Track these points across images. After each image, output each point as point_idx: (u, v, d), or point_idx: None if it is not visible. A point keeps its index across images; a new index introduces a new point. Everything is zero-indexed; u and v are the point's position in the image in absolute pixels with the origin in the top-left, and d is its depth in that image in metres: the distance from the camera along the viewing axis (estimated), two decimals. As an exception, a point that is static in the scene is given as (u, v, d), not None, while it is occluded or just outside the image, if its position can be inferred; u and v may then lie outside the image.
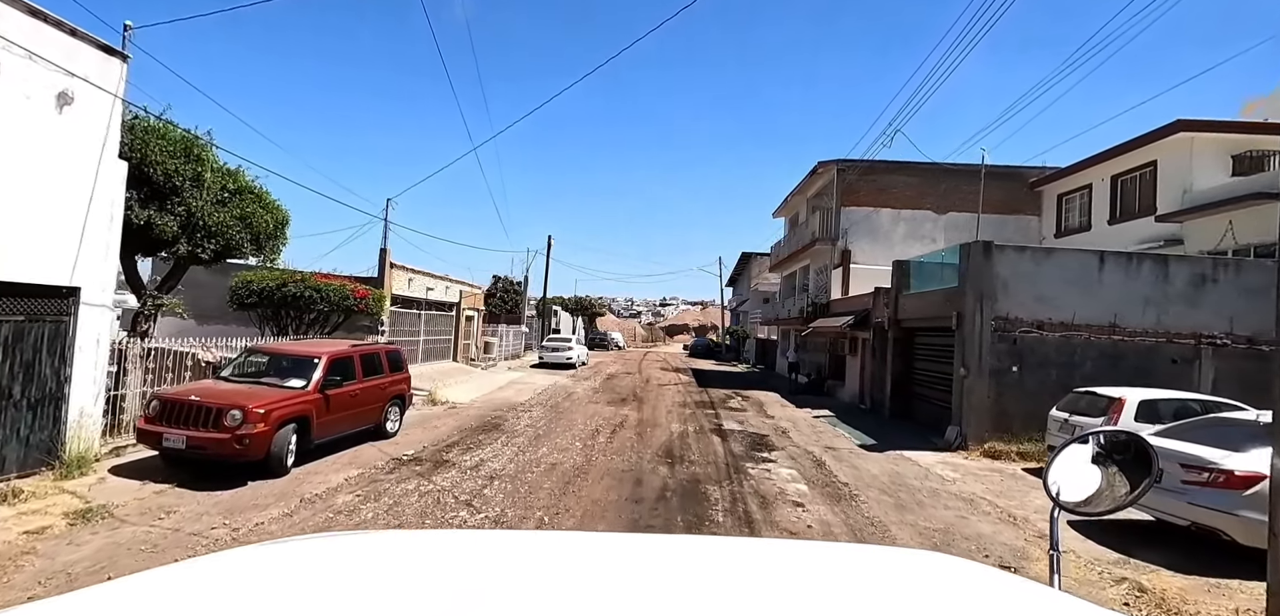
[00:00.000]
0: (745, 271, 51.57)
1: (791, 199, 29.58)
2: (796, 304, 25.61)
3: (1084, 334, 12.19)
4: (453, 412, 14.49)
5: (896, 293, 16.52)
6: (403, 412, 11.78)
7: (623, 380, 24.61)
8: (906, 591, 1.09)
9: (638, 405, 17.18)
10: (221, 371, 9.65)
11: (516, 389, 19.55)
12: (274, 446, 8.22)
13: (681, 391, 21.40)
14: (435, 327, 21.26)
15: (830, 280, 23.70)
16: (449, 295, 22.11)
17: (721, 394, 21.15)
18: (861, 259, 23.22)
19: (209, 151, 10.55)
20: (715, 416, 15.77)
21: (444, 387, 17.63)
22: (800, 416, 16.59)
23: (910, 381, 16.20)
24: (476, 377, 21.11)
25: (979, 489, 9.36)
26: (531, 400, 17.24)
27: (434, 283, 20.48)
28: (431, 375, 19.00)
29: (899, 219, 23.27)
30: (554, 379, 23.29)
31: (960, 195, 23.33)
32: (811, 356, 25.19)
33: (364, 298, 14.60)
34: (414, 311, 19.41)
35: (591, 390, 20.34)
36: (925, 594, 1.08)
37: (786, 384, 24.75)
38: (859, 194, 23.43)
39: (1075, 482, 1.54)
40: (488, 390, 18.61)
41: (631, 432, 12.84)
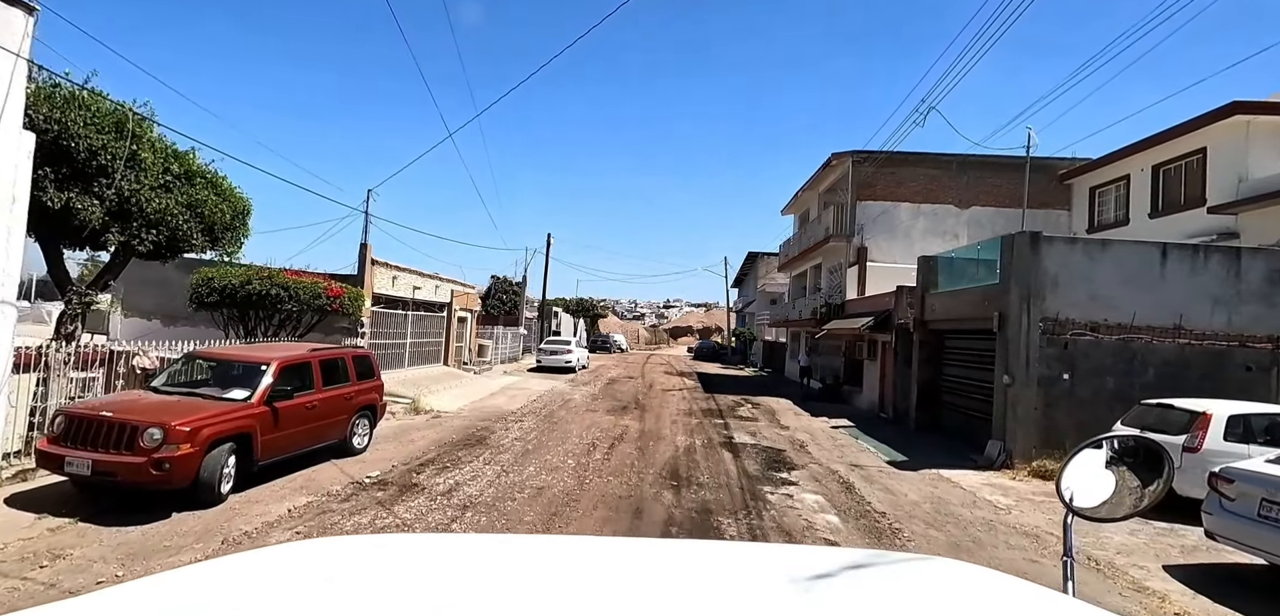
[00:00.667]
0: (752, 272, 50.16)
1: (802, 194, 28.17)
2: (809, 305, 24.22)
3: (1144, 337, 10.76)
4: (435, 423, 13.15)
5: (923, 291, 15.10)
6: (373, 425, 10.44)
7: (624, 385, 23.24)
8: (917, 597, 1.07)
9: (639, 414, 15.81)
10: (153, 380, 8.32)
11: (509, 395, 18.20)
12: (203, 471, 6.89)
13: (687, 397, 20.02)
14: (424, 330, 19.94)
15: (845, 279, 22.28)
16: (439, 295, 20.79)
17: (730, 400, 19.76)
18: (878, 256, 21.81)
19: (148, 128, 9.23)
20: (724, 427, 14.38)
21: (430, 395, 16.29)
22: (817, 427, 15.18)
23: (938, 388, 14.77)
24: (467, 383, 19.77)
25: (1041, 521, 7.95)
26: (524, 408, 15.88)
27: (422, 282, 19.17)
28: (418, 381, 17.68)
29: (919, 214, 21.84)
30: (551, 384, 21.93)
31: (984, 188, 21.90)
32: (825, 360, 23.77)
33: (338, 297, 13.29)
34: (399, 312, 18.10)
35: (590, 396, 18.97)
36: (936, 599, 1.07)
37: (799, 389, 23.33)
38: (876, 187, 22.02)
39: (1089, 488, 1.50)
40: (478, 397, 17.26)
41: (632, 447, 11.47)
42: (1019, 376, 10.80)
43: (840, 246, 22.37)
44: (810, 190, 27.24)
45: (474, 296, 23.87)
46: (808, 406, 19.05)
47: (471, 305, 23.55)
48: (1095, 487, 1.51)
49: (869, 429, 14.90)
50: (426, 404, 14.97)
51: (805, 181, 26.96)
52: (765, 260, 46.25)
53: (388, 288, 16.99)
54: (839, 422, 15.89)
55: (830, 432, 14.33)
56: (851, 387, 20.21)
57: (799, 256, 27.96)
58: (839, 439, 13.61)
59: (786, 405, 19.20)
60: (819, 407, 18.75)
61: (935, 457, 11.60)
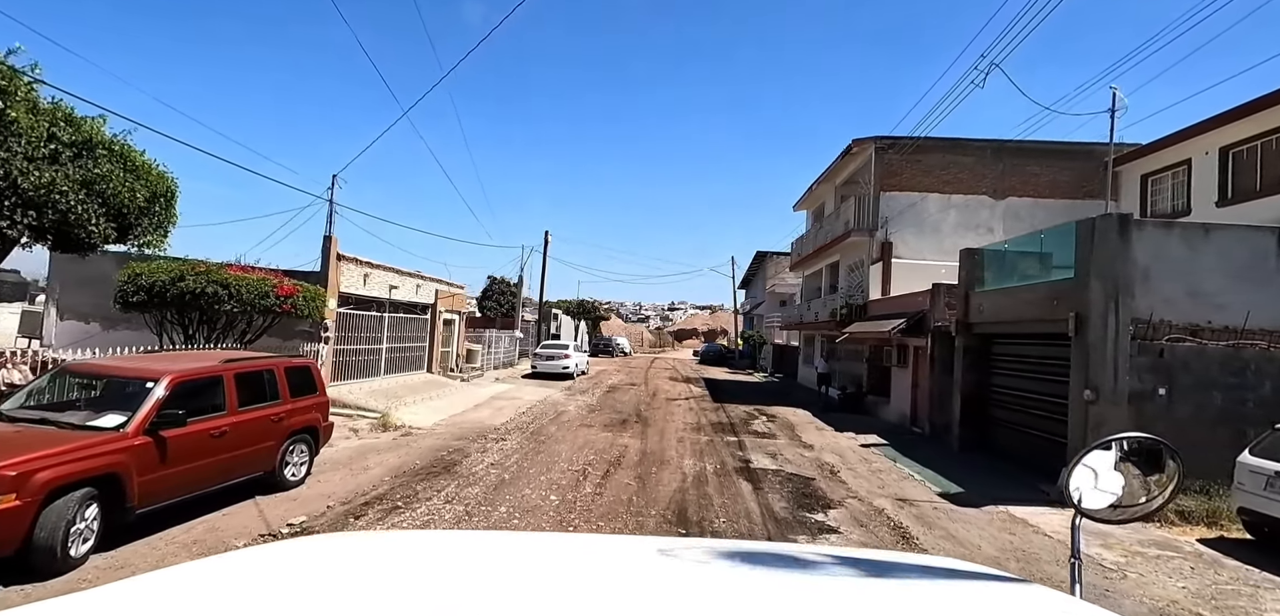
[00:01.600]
0: (760, 272, 48.18)
1: (817, 187, 26.21)
2: (826, 306, 22.25)
3: (1259, 343, 8.78)
4: (402, 443, 11.27)
5: (966, 289, 13.14)
6: (315, 450, 8.58)
7: (625, 393, 21.32)
8: (921, 598, 1.06)
9: (641, 429, 13.89)
10: (3, 404, 6.46)
11: (496, 407, 16.32)
12: (39, 529, 5.03)
13: (694, 408, 18.09)
14: (403, 333, 18.09)
15: (867, 278, 20.31)
16: (422, 295, 18.92)
17: (742, 412, 17.82)
18: (905, 252, 19.84)
19: (23, 84, 7.39)
20: (738, 446, 12.45)
21: (404, 407, 14.42)
22: (845, 445, 13.23)
23: (986, 401, 12.79)
24: (452, 392, 17.89)
25: (1173, 589, 5.99)
26: (510, 422, 13.99)
27: (400, 280, 17.30)
28: (393, 391, 15.82)
29: (949, 205, 19.86)
30: (545, 392, 20.05)
31: (1021, 177, 19.91)
32: (845, 366, 21.79)
33: (289, 295, 11.43)
34: (373, 314, 16.24)
35: (587, 407, 17.07)
36: (943, 600, 1.04)
37: (816, 398, 21.36)
38: (901, 176, 20.05)
39: (1097, 488, 1.49)
40: (459, 409, 15.38)
41: (630, 475, 9.56)
42: (1104, 391, 8.84)
43: (862, 241, 20.42)
44: (826, 182, 25.28)
45: (463, 297, 22.01)
46: (829, 418, 17.09)
47: (460, 306, 21.70)
48: (1105, 489, 1.48)
49: (905, 448, 12.92)
50: (398, 418, 13.09)
51: (821, 172, 25.01)
52: (774, 260, 44.28)
53: (358, 286, 15.13)
54: (869, 440, 13.92)
55: (862, 454, 12.37)
56: (876, 397, 18.24)
57: (814, 254, 25.99)
58: (874, 462, 11.65)
59: (805, 417, 17.24)
60: (841, 420, 16.78)
61: (995, 488, 9.64)
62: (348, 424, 12.48)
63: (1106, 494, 1.48)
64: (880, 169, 20.07)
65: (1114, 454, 1.52)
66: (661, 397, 20.61)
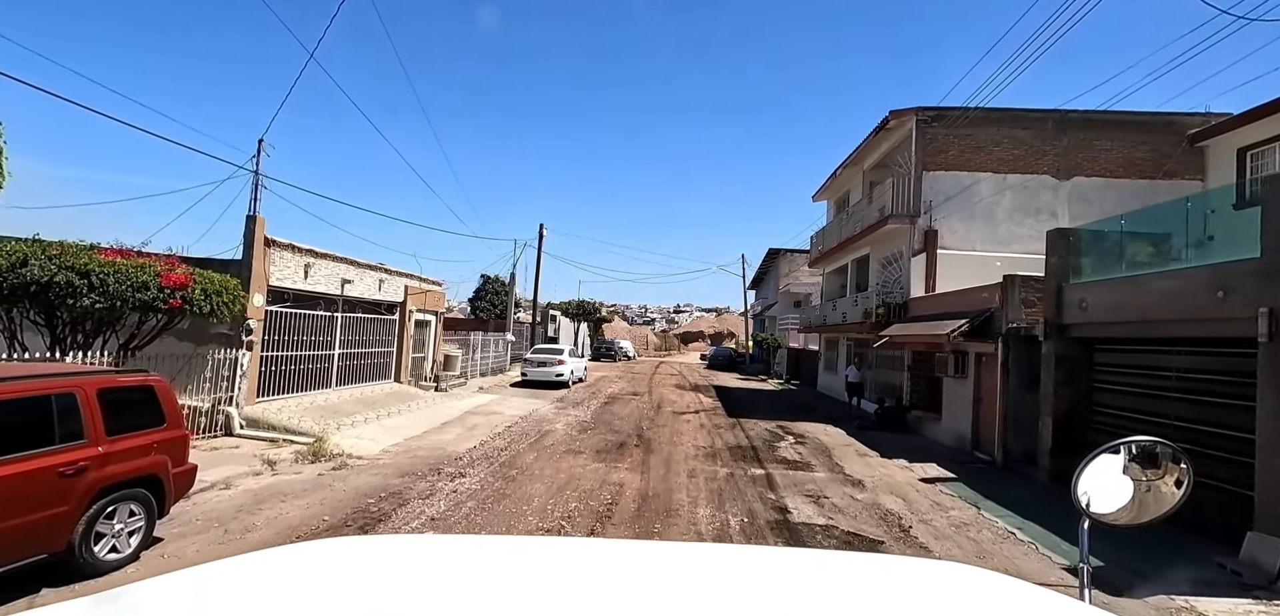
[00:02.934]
0: (772, 270, 45.31)
1: (842, 172, 23.34)
2: (857, 306, 19.36)
3: None
4: (328, 481, 8.51)
5: (1058, 280, 10.28)
6: (158, 509, 5.82)
7: (625, 406, 18.50)
8: (931, 603, 1.06)
9: (642, 457, 11.10)
10: None
11: (468, 425, 13.54)
12: None
13: (705, 425, 15.26)
14: (362, 337, 15.34)
15: (907, 272, 17.43)
16: (387, 292, 16.17)
17: (763, 430, 14.97)
18: (953, 242, 16.96)
19: None
20: (767, 482, 9.64)
21: (350, 429, 11.68)
22: (903, 480, 10.37)
23: (1088, 425, 9.91)
24: (420, 407, 15.13)
25: None
26: (479, 448, 11.22)
27: (357, 273, 14.56)
28: (342, 408, 13.07)
29: (1004, 187, 16.96)
30: (532, 405, 17.27)
31: (1090, 153, 16.99)
32: (880, 375, 18.90)
33: (179, 287, 8.70)
34: (320, 313, 13.49)
35: (578, 425, 14.27)
36: (950, 605, 1.05)
37: (845, 411, 18.49)
38: (947, 153, 17.18)
39: (1106, 493, 1.46)
40: (421, 429, 12.61)
41: (624, 535, 6.75)
42: (1326, 424, 5.97)
43: (901, 230, 17.54)
44: (853, 166, 22.40)
45: (439, 294, 19.26)
46: (868, 439, 14.23)
47: (436, 305, 18.94)
48: (1113, 493, 1.45)
49: (982, 486, 10.05)
50: (336, 444, 10.35)
51: (848, 155, 22.14)
52: (788, 257, 41.41)
53: (296, 279, 12.39)
54: (930, 472, 11.06)
55: (930, 495, 9.51)
56: (923, 413, 15.35)
57: (838, 248, 23.12)
58: (950, 508, 8.79)
59: (840, 438, 14.38)
60: (884, 442, 13.91)
61: (1140, 559, 6.76)
62: (266, 453, 9.74)
63: (1115, 498, 1.43)
64: (923, 145, 17.20)
65: (1122, 457, 1.47)
66: (667, 411, 17.79)
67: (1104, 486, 1.50)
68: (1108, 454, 1.52)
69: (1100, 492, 1.50)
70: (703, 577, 1.12)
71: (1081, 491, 1.51)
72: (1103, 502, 1.48)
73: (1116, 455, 1.52)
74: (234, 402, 10.77)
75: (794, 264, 40.88)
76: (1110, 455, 1.52)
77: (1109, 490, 1.49)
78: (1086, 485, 1.51)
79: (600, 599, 0.98)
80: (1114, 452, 1.52)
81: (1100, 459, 1.52)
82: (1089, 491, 1.50)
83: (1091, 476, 1.51)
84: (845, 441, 13.92)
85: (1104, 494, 1.49)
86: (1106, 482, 1.50)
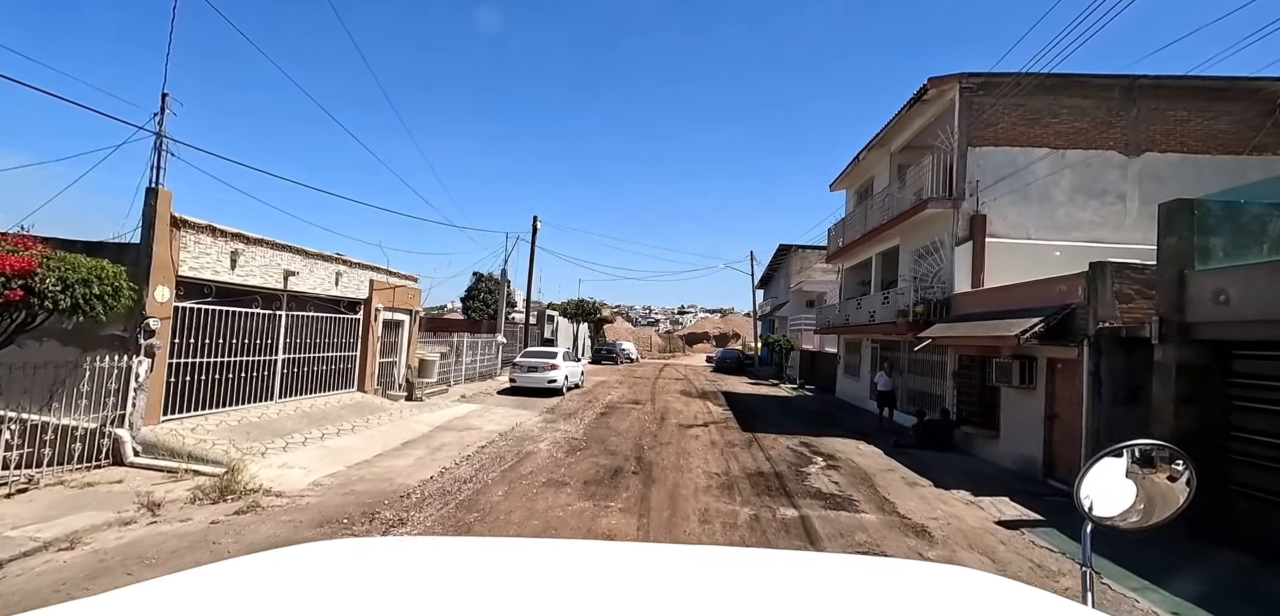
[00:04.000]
0: (783, 267, 42.99)
1: (866, 156, 21.02)
2: (889, 304, 17.03)
3: None
4: (222, 534, 6.29)
5: (1179, 266, 7.96)
6: None
7: (625, 417, 16.24)
8: (933, 606, 1.07)
9: (640, 488, 8.83)
10: None
11: (434, 445, 11.30)
12: None
13: (717, 441, 12.98)
14: (315, 339, 13.11)
15: (949, 264, 15.12)
16: (346, 287, 13.95)
17: (785, 448, 12.68)
18: (1002, 228, 14.64)
19: None
20: (802, 528, 7.38)
21: (280, 454, 9.45)
22: (974, 523, 8.07)
23: (1224, 454, 7.58)
24: (382, 422, 12.91)
25: None
26: (438, 478, 8.98)
27: (306, 264, 12.31)
28: (283, 425, 10.85)
29: (1063, 165, 14.63)
30: (517, 417, 15.03)
31: (1165, 125, 14.65)
32: (916, 382, 16.57)
33: (22, 272, 6.47)
34: (255, 312, 11.26)
35: (567, 443, 12.02)
36: (952, 609, 1.06)
37: (876, 424, 16.19)
38: (996, 126, 14.86)
39: (1109, 497, 1.47)
40: (373, 452, 10.37)
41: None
42: None
43: (942, 215, 15.22)
44: (879, 148, 20.08)
45: (412, 291, 17.00)
46: (910, 460, 11.93)
47: (408, 302, 16.69)
48: (1116, 496, 1.47)
49: (1078, 530, 7.75)
50: (254, 476, 8.13)
51: (873, 136, 19.83)
52: (799, 254, 39.12)
53: (221, 270, 10.17)
54: (1006, 510, 8.77)
55: (1022, 550, 7.22)
56: (975, 430, 13.01)
57: (862, 240, 20.80)
58: (1061, 576, 6.51)
59: (878, 459, 12.08)
60: (932, 465, 11.61)
61: None
62: (155, 490, 7.53)
63: (1118, 502, 1.45)
64: (968, 117, 14.88)
65: (1125, 461, 1.49)
66: (672, 424, 15.52)
67: (1107, 490, 1.46)
68: (1110, 457, 1.48)
69: (1103, 496, 1.46)
70: (706, 580, 1.13)
71: (1084, 496, 1.49)
72: (1106, 506, 1.45)
73: (1120, 458, 1.48)
74: (127, 422, 8.55)
75: (806, 261, 38.58)
76: (1113, 458, 1.48)
77: (1112, 494, 1.45)
78: (1089, 489, 1.48)
79: (603, 601, 0.98)
80: (1117, 456, 1.48)
81: (1103, 462, 1.49)
82: (1092, 495, 1.47)
83: (1094, 480, 1.48)
84: (886, 465, 11.61)
85: (1107, 497, 1.45)
86: (1110, 486, 1.46)
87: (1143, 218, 14.38)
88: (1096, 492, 1.47)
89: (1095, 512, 1.47)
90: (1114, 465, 1.48)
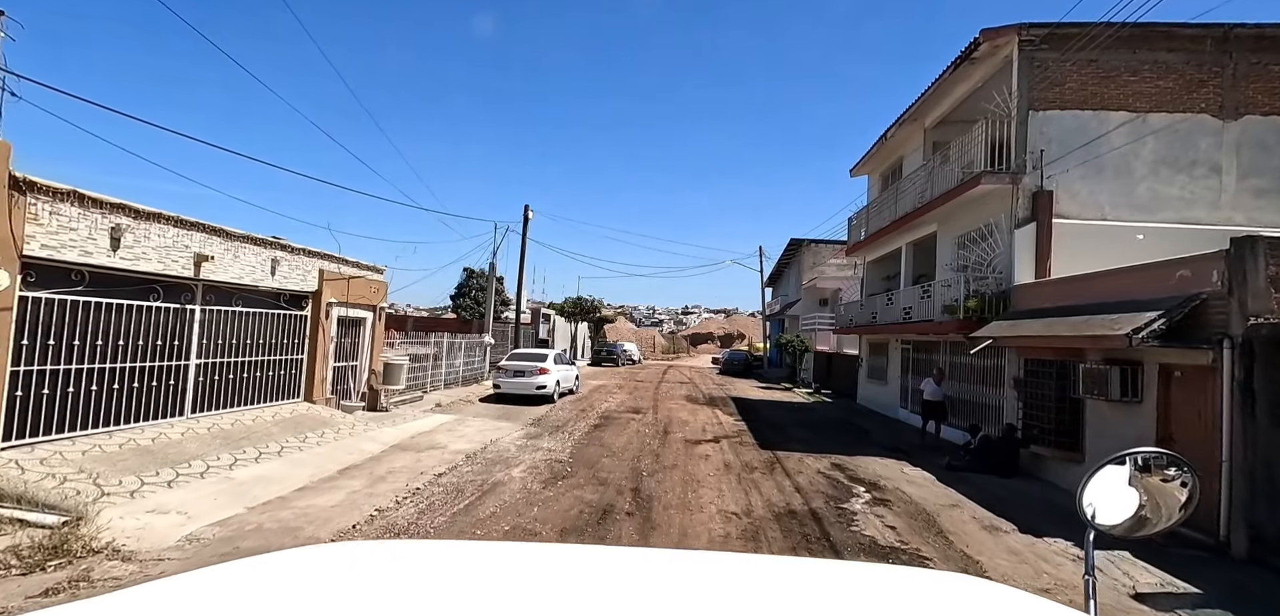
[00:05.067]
0: (794, 263, 40.61)
1: (896, 133, 18.65)
2: (931, 297, 14.66)
3: None
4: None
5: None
6: None
7: (621, 432, 13.95)
8: (935, 612, 1.06)
9: (637, 536, 6.51)
10: None
11: (379, 473, 9.00)
12: None
13: (732, 466, 10.66)
14: (243, 340, 10.84)
15: (1007, 250, 12.75)
16: (288, 277, 11.68)
17: (815, 472, 10.35)
18: (1071, 208, 12.27)
19: None
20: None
21: (162, 492, 7.17)
22: (1111, 600, 5.73)
23: None
24: (325, 441, 10.65)
25: None
26: (364, 525, 6.68)
27: (224, 246, 10.02)
28: (186, 448, 8.56)
29: (1144, 130, 12.25)
30: (496, 431, 12.74)
31: (1267, 82, 12.26)
32: (967, 391, 14.17)
33: None
34: (153, 305, 8.97)
35: (548, 468, 9.71)
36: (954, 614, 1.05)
37: (917, 440, 13.85)
38: (1063, 86, 12.50)
39: (1111, 504, 1.40)
40: (297, 484, 8.07)
41: None
42: None
43: (997, 192, 12.85)
44: (911, 123, 17.71)
45: (376, 283, 14.68)
46: (973, 490, 9.59)
47: (369, 297, 14.39)
48: (1118, 504, 1.41)
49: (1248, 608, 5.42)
50: (108, 525, 5.91)
51: (905, 109, 17.46)
52: (812, 249, 36.76)
53: (97, 250, 7.89)
54: (1134, 571, 6.42)
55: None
56: (1048, 450, 10.63)
57: (891, 228, 18.44)
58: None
59: (935, 489, 9.74)
60: (1004, 497, 9.28)
61: None
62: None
63: (1121, 510, 1.41)
64: (1029, 75, 12.52)
65: (1128, 468, 1.42)
66: (677, 439, 13.21)
67: (1110, 498, 1.40)
68: (1113, 465, 1.42)
69: (1106, 504, 1.40)
70: (710, 585, 1.12)
71: (1086, 503, 1.42)
72: (1109, 514, 1.40)
73: (1122, 466, 1.41)
74: (-64, 453, 6.29)
75: (819, 256, 36.23)
76: (1115, 466, 1.42)
77: (1115, 502, 1.40)
78: (1091, 497, 1.42)
79: (609, 607, 0.97)
80: (1119, 464, 1.41)
81: (1105, 470, 1.42)
82: (1094, 503, 1.41)
83: (1096, 488, 1.42)
84: (946, 497, 9.26)
85: (1110, 505, 1.40)
86: (1112, 494, 1.40)
87: (1243, 193, 12.03)
88: (1099, 501, 1.40)
89: (1098, 520, 1.40)
90: (1116, 473, 1.41)
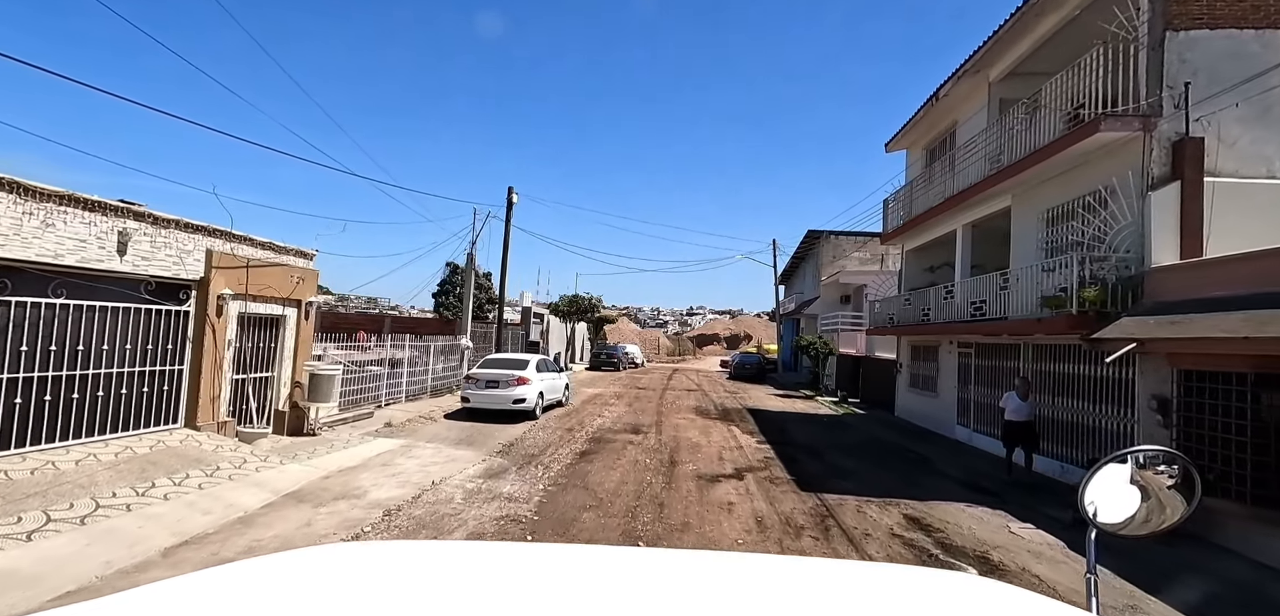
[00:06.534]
0: (811, 257, 37.31)
1: (951, 92, 15.36)
2: (1024, 285, 11.31)
3: None
4: None
5: None
6: None
7: (615, 462, 10.73)
8: (938, 611, 1.06)
9: None
10: None
11: (226, 550, 5.81)
12: None
13: (767, 518, 7.42)
14: (77, 345, 7.70)
15: (1136, 222, 9.44)
16: (153, 259, 8.53)
17: (885, 531, 7.10)
18: (1227, 162, 8.99)
19: None
20: None
21: None
22: None
23: None
24: (180, 489, 7.52)
25: None
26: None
27: (28, 212, 6.92)
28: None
29: (1327, 57, 8.93)
30: (447, 465, 9.56)
31: None
32: (1046, 407, 10.84)
33: None
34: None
35: (501, 529, 6.49)
36: (958, 613, 1.05)
37: (1002, 469, 10.59)
38: (1215, 2, 9.21)
39: (1113, 503, 1.40)
40: (52, 586, 4.88)
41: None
42: None
43: (1121, 142, 9.55)
44: (972, 75, 14.41)
45: (300, 272, 11.47)
46: (1122, 563, 6.34)
47: (291, 289, 11.20)
48: (1120, 503, 1.41)
49: None
50: None
51: (964, 62, 14.18)
52: (831, 241, 33.48)
53: None
54: None
55: None
56: (1246, 510, 7.36)
57: (947, 206, 15.15)
58: None
59: (1064, 562, 6.49)
60: (1193, 585, 6.02)
61: None
62: None
63: (1122, 508, 1.40)
64: (1164, -17, 9.23)
65: (1130, 467, 1.42)
66: (687, 474, 9.99)
67: (1111, 496, 1.40)
68: (1115, 463, 1.43)
69: (1107, 503, 1.40)
70: (712, 585, 1.12)
71: (1088, 502, 1.43)
72: (1110, 513, 1.40)
73: (1124, 464, 1.42)
74: None
75: (840, 249, 32.95)
76: (1118, 464, 1.43)
77: (1116, 501, 1.40)
78: (1093, 495, 1.42)
79: (609, 606, 0.98)
80: (1121, 462, 1.43)
81: (1107, 468, 1.43)
82: (1095, 501, 1.41)
83: (1098, 486, 1.42)
84: (1118, 594, 6.00)
85: (1111, 504, 1.40)
86: (1114, 492, 1.41)
87: None
88: (1100, 500, 1.41)
89: (1100, 519, 1.40)
90: (1118, 471, 1.42)
